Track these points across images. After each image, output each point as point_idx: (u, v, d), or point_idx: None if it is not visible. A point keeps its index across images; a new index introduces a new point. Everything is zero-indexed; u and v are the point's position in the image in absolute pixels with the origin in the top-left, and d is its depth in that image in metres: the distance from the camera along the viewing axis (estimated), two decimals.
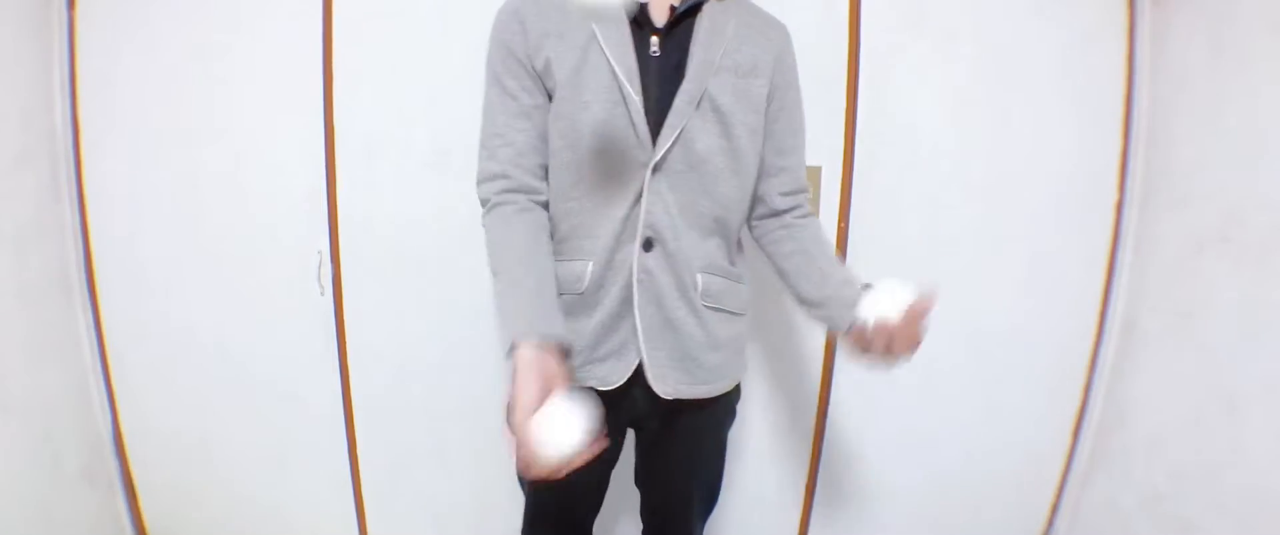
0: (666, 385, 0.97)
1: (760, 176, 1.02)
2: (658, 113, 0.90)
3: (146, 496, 1.56)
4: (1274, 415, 1.20)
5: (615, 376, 0.96)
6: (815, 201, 1.41)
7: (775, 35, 1.01)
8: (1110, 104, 1.45)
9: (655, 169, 0.91)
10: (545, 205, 0.95)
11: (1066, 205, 1.48)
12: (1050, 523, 1.65)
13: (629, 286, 0.93)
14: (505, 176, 0.92)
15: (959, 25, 1.39)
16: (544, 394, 0.76)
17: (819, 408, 1.52)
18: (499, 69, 0.93)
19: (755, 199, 1.03)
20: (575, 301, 0.95)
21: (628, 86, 0.89)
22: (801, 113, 1.05)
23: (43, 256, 1.38)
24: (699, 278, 0.96)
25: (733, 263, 1.03)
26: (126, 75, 1.37)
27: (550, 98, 0.92)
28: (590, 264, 0.94)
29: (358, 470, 1.51)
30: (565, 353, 0.83)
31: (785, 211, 1.04)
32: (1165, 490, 1.39)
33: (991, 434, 1.57)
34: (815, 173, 1.40)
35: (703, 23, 0.93)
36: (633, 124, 0.89)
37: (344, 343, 1.45)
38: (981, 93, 1.42)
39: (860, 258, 1.45)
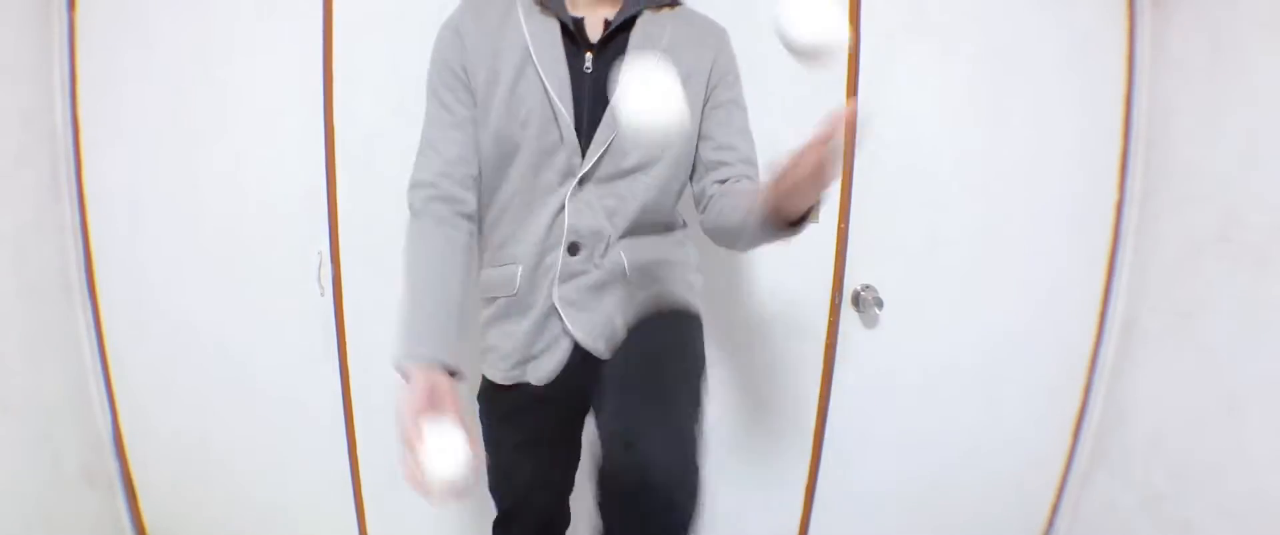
0: (604, 344, 0.99)
1: (697, 175, 1.03)
2: (589, 128, 0.94)
3: (146, 496, 1.56)
4: (1274, 415, 1.20)
5: (550, 366, 1.00)
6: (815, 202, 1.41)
7: (712, 39, 1.02)
8: (1110, 104, 1.45)
9: (582, 180, 0.95)
10: (470, 216, 0.97)
11: (1066, 205, 1.48)
12: (1050, 523, 1.65)
13: (553, 288, 0.98)
14: (431, 185, 0.95)
15: (959, 25, 1.39)
16: (430, 413, 0.79)
17: (819, 408, 1.52)
18: (435, 82, 0.97)
19: (696, 195, 1.04)
20: (509, 303, 1.00)
21: (558, 103, 0.92)
22: (742, 111, 1.04)
23: (43, 256, 1.38)
24: (626, 264, 0.99)
25: (668, 230, 1.06)
26: (126, 75, 1.37)
27: (485, 107, 0.95)
28: (520, 268, 0.98)
29: (358, 470, 1.51)
30: (452, 373, 0.87)
31: (730, 179, 1.00)
32: (1165, 490, 1.40)
33: (991, 434, 1.57)
34: None
35: (635, 36, 0.96)
36: (562, 139, 0.93)
37: (344, 343, 1.44)
38: (981, 93, 1.42)
39: (860, 259, 1.45)
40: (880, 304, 1.43)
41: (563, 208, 0.96)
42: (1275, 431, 1.20)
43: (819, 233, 1.43)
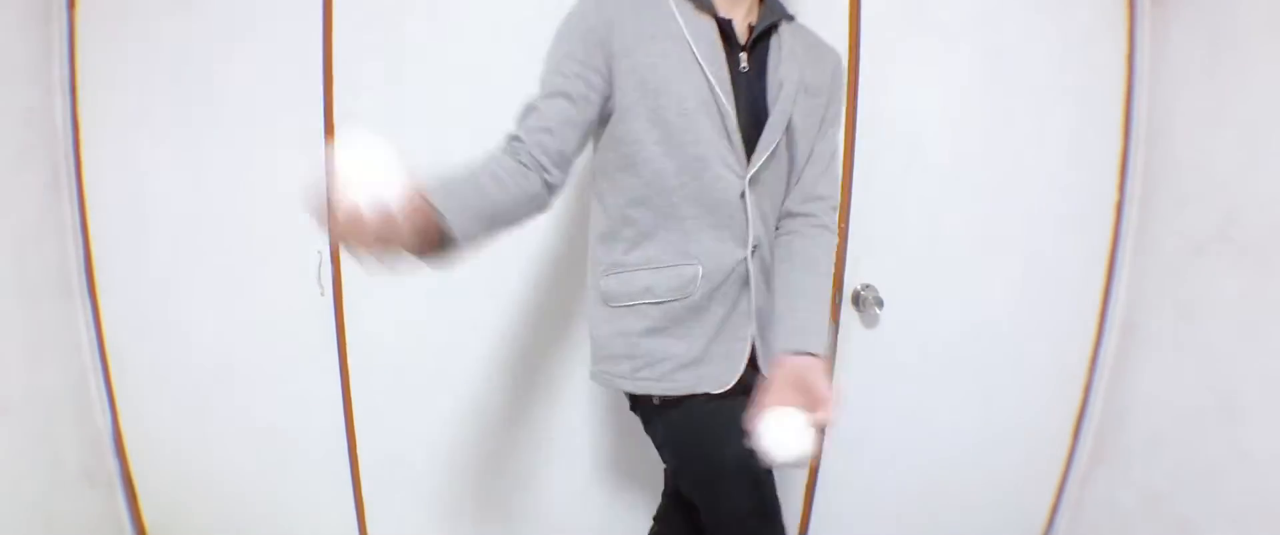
0: (765, 359, 1.02)
1: (790, 182, 1.06)
2: (747, 128, 0.95)
3: (146, 496, 1.56)
4: (1274, 415, 1.20)
5: (729, 376, 0.99)
6: None
7: (831, 60, 1.06)
8: (1110, 104, 1.45)
9: (751, 182, 0.96)
10: (548, 184, 0.88)
11: (1066, 205, 1.48)
12: (1050, 522, 1.65)
13: (741, 289, 0.99)
14: (518, 139, 0.87)
15: (959, 25, 1.39)
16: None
17: None
18: (566, 47, 0.90)
19: (794, 183, 1.08)
20: (682, 310, 0.97)
21: (724, 101, 0.92)
22: (839, 133, 1.10)
23: (43, 256, 1.38)
24: (775, 266, 1.04)
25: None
26: (126, 75, 1.37)
27: (614, 96, 0.92)
28: (700, 270, 0.96)
29: (357, 470, 1.51)
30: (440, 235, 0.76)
31: (798, 215, 1.05)
32: (1165, 490, 1.40)
33: (992, 434, 1.57)
34: None
35: (781, 43, 0.98)
36: (728, 137, 0.94)
37: (344, 343, 1.45)
38: (981, 92, 1.42)
39: (860, 258, 1.45)
40: (880, 303, 1.43)
41: (741, 211, 0.96)
42: (1275, 431, 1.20)
43: None
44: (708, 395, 0.98)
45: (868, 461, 1.56)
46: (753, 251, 0.98)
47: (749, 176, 0.95)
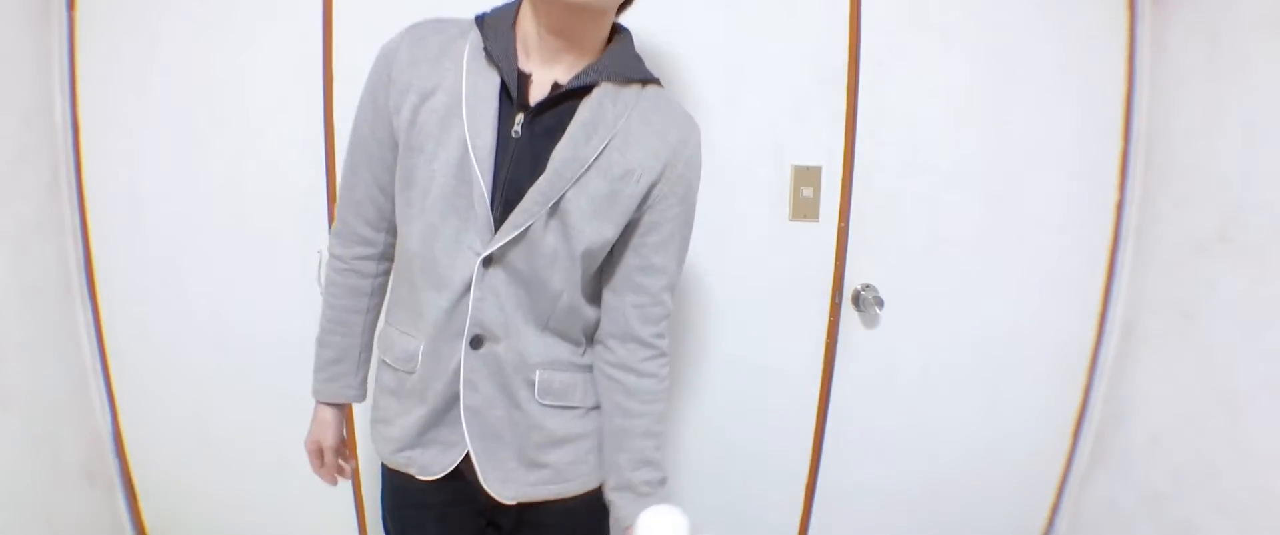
0: (508, 489, 0.92)
1: (614, 288, 0.91)
2: (505, 202, 0.82)
3: (146, 496, 1.56)
4: (1274, 415, 1.20)
5: (437, 467, 0.92)
6: (815, 201, 1.41)
7: (674, 136, 0.86)
8: (1110, 104, 1.45)
9: (489, 261, 0.83)
10: (378, 257, 0.96)
11: (1066, 205, 1.48)
12: (1050, 523, 1.65)
13: (455, 384, 0.88)
14: (340, 221, 0.95)
15: (959, 25, 1.39)
16: (335, 440, 1.02)
17: (819, 408, 1.52)
18: (359, 109, 0.90)
19: (606, 308, 0.93)
20: (407, 381, 0.91)
21: (475, 168, 0.80)
22: (686, 232, 0.92)
23: (43, 256, 1.38)
24: (537, 375, 0.90)
25: (583, 354, 0.95)
26: (126, 75, 1.37)
27: (402, 150, 0.86)
28: (421, 345, 0.89)
29: (357, 470, 1.51)
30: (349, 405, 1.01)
31: (636, 340, 0.91)
32: (1165, 490, 1.40)
33: (992, 433, 1.57)
34: (815, 173, 1.40)
35: (585, 111, 0.82)
36: (473, 209, 0.82)
37: None
38: (981, 93, 1.42)
39: (861, 258, 1.45)
40: (880, 303, 1.43)
41: (468, 289, 0.84)
42: (1275, 431, 1.20)
43: (819, 232, 1.43)
44: (417, 479, 0.94)
45: (867, 461, 1.56)
46: (473, 344, 0.86)
47: (485, 256, 0.82)
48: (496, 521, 0.99)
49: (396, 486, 0.99)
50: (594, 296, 0.94)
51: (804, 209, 1.41)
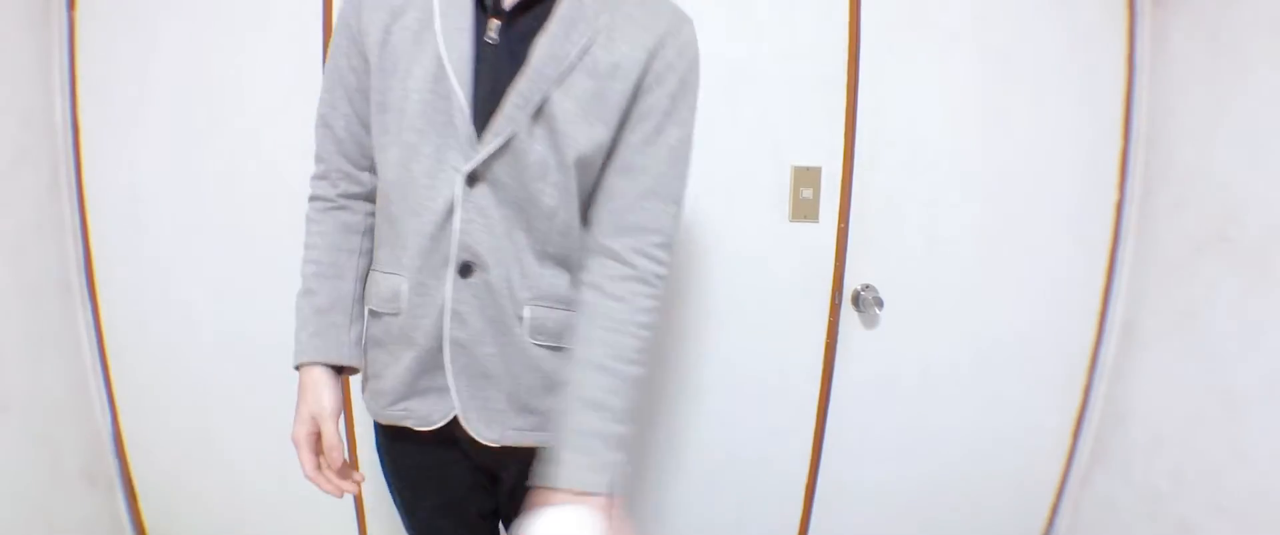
0: (491, 431, 0.84)
1: (594, 196, 0.82)
2: (487, 114, 0.76)
3: (146, 496, 1.56)
4: (1274, 415, 1.20)
5: (437, 416, 0.85)
6: (815, 202, 1.41)
7: (661, 26, 0.78)
8: (1110, 104, 1.45)
9: (474, 179, 0.77)
10: (365, 197, 0.88)
11: (1066, 205, 1.48)
12: (1050, 523, 1.65)
13: (441, 319, 0.81)
14: (323, 161, 0.88)
15: (959, 25, 1.39)
16: (334, 404, 0.85)
17: (819, 408, 1.52)
18: (335, 41, 0.84)
19: (588, 219, 0.83)
20: (393, 324, 0.84)
21: (453, 79, 0.75)
22: (677, 132, 0.80)
23: (43, 256, 1.38)
24: (526, 311, 0.82)
25: (576, 285, 0.84)
26: (126, 75, 1.37)
27: (375, 73, 0.81)
28: (405, 282, 0.82)
29: (357, 469, 1.51)
30: (349, 370, 0.87)
31: (605, 255, 0.80)
32: (1165, 490, 1.39)
33: (991, 434, 1.57)
34: (815, 173, 1.40)
35: (564, 5, 0.76)
36: (453, 124, 0.76)
37: None
38: (982, 93, 1.42)
39: (860, 259, 1.45)
40: (880, 304, 1.43)
41: (452, 212, 0.78)
42: (1275, 431, 1.20)
43: (819, 232, 1.43)
44: (417, 434, 0.87)
45: (867, 461, 1.56)
46: (462, 273, 0.79)
47: (468, 172, 0.76)
48: (499, 475, 0.92)
49: (396, 449, 0.93)
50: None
51: (804, 209, 1.41)
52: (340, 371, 0.89)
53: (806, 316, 1.47)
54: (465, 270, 0.79)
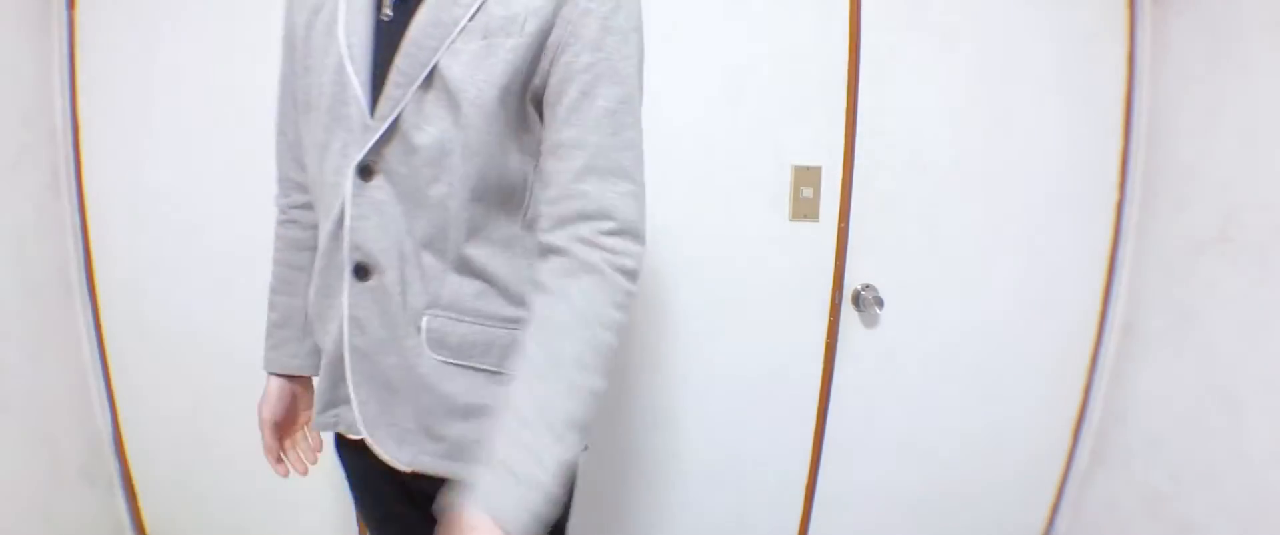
0: (404, 452, 0.75)
1: (533, 196, 0.74)
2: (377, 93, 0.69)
3: (146, 496, 1.56)
4: (1274, 415, 1.20)
5: (359, 426, 0.78)
6: (815, 201, 1.41)
7: None
8: (1110, 104, 1.46)
9: (367, 171, 0.69)
10: (309, 205, 0.85)
11: (1066, 205, 1.48)
12: (1050, 523, 1.65)
13: (343, 325, 0.74)
14: (278, 170, 0.87)
15: (959, 25, 1.39)
16: (287, 417, 0.90)
17: (819, 408, 1.52)
18: (283, 51, 0.82)
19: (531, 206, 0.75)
20: (316, 330, 0.82)
21: (349, 67, 0.68)
22: (613, 91, 0.67)
23: (43, 256, 1.38)
24: (424, 320, 0.72)
25: (515, 306, 0.75)
26: (126, 75, 1.37)
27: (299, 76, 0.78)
28: (314, 288, 0.77)
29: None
30: (303, 379, 0.89)
31: (549, 248, 0.69)
32: (1165, 490, 1.40)
33: (992, 434, 1.57)
34: (815, 173, 1.40)
35: None
36: (350, 112, 0.69)
37: None
38: (981, 93, 1.42)
39: (861, 258, 1.45)
40: (880, 303, 1.43)
41: (343, 210, 0.71)
42: (1275, 431, 1.20)
43: (819, 232, 1.43)
44: (357, 442, 0.81)
45: (867, 461, 1.56)
46: (357, 275, 0.72)
47: (358, 163, 0.68)
48: (426, 491, 0.76)
49: (341, 454, 0.90)
50: (515, 217, 0.75)
51: (804, 209, 1.41)
52: (296, 380, 0.92)
53: (807, 316, 1.47)
54: (360, 272, 0.72)
